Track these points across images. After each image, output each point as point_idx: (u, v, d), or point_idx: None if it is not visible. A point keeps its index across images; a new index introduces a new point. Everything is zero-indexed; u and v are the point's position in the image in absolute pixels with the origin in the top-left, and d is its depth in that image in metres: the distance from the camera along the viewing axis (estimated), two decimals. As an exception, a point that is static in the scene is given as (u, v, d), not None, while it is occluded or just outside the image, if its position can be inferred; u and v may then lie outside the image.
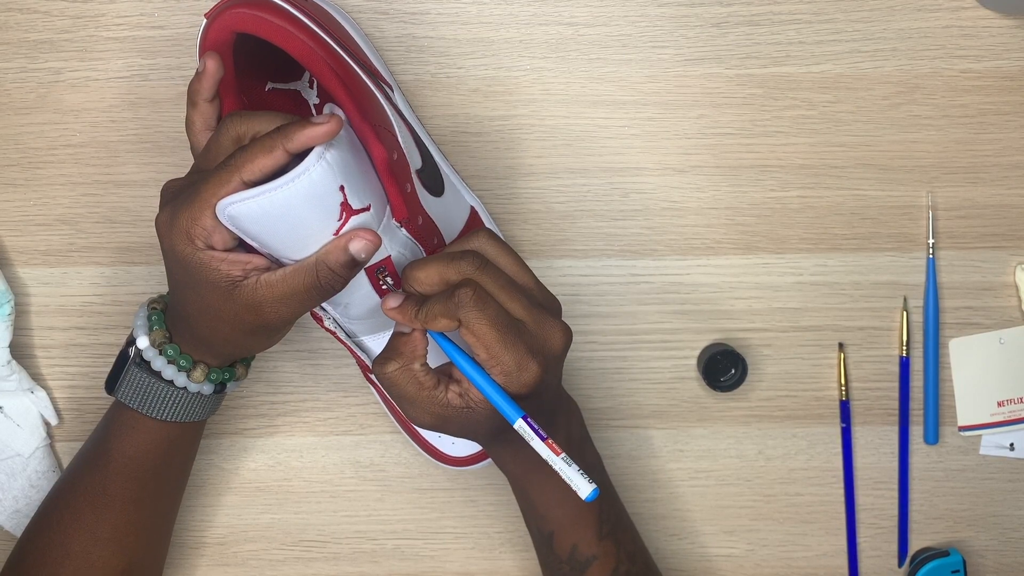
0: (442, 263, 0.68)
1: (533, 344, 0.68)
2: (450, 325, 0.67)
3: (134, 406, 0.74)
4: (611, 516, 0.78)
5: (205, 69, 0.69)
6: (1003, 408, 0.86)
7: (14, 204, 0.84)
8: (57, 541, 0.75)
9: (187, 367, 0.73)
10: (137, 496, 0.76)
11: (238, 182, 0.64)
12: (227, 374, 0.75)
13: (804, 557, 0.88)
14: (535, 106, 0.83)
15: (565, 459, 0.67)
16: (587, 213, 0.84)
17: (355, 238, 0.66)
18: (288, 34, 0.69)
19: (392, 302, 0.69)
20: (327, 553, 0.88)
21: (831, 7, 0.82)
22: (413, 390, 0.69)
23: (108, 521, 0.76)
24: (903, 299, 0.85)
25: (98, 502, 0.75)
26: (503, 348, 0.67)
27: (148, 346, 0.73)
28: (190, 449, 0.79)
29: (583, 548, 0.77)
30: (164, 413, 0.74)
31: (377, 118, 0.71)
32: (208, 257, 0.66)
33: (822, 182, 0.84)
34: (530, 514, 0.78)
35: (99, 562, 0.76)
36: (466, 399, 0.69)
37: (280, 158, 0.64)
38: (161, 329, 0.73)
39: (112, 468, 0.75)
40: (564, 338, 0.69)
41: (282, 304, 0.67)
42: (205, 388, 0.74)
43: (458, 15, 0.82)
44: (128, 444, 0.75)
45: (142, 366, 0.74)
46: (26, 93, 0.82)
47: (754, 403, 0.86)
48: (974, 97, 0.83)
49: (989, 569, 0.88)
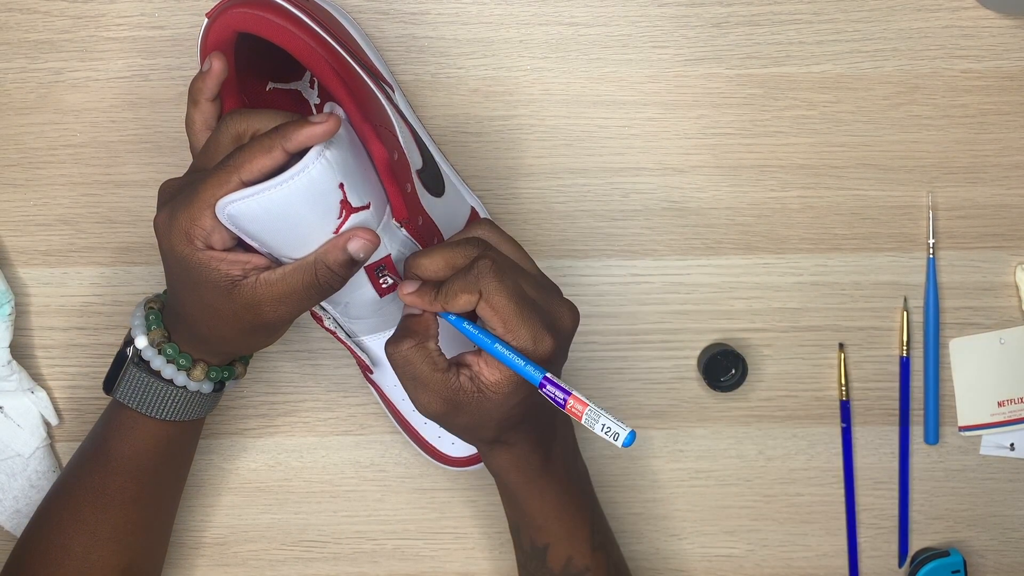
0: (448, 250, 0.68)
1: (546, 319, 0.68)
2: (470, 301, 0.67)
3: (133, 406, 0.74)
4: (601, 527, 0.79)
5: (211, 69, 0.69)
6: (1003, 408, 0.86)
7: (14, 204, 0.84)
8: (57, 541, 0.75)
9: (186, 366, 0.73)
10: (137, 495, 0.76)
11: (237, 182, 0.64)
12: (226, 372, 0.75)
13: (804, 557, 0.88)
14: (535, 106, 0.83)
15: (593, 410, 0.67)
16: (587, 213, 0.84)
17: (353, 237, 0.66)
18: (289, 34, 0.69)
19: (409, 287, 0.69)
20: (327, 553, 0.88)
21: (831, 7, 0.82)
22: (427, 370, 0.69)
23: (108, 520, 0.76)
24: (903, 299, 0.85)
25: (98, 502, 0.75)
26: (520, 321, 0.67)
27: (147, 345, 0.73)
28: (189, 447, 0.79)
29: (577, 560, 0.77)
30: (163, 412, 0.74)
31: (378, 118, 0.71)
32: (207, 257, 0.66)
33: (822, 182, 0.84)
34: (524, 527, 0.77)
35: (99, 562, 0.76)
36: (477, 383, 0.69)
37: (279, 158, 0.64)
38: (159, 328, 0.73)
39: (111, 467, 0.75)
40: (573, 316, 0.70)
41: (281, 303, 0.67)
42: (204, 386, 0.74)
43: (458, 15, 0.82)
44: (127, 443, 0.75)
45: (141, 366, 0.74)
46: (26, 93, 0.82)
47: (754, 403, 0.86)
48: (974, 97, 0.83)
49: (989, 569, 0.88)
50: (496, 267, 0.67)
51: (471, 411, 0.69)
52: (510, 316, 0.67)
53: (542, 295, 0.69)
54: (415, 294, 0.69)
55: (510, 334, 0.67)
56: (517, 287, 0.67)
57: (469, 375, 0.69)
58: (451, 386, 0.69)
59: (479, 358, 0.69)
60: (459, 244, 0.69)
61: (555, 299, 0.70)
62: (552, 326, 0.68)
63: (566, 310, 0.70)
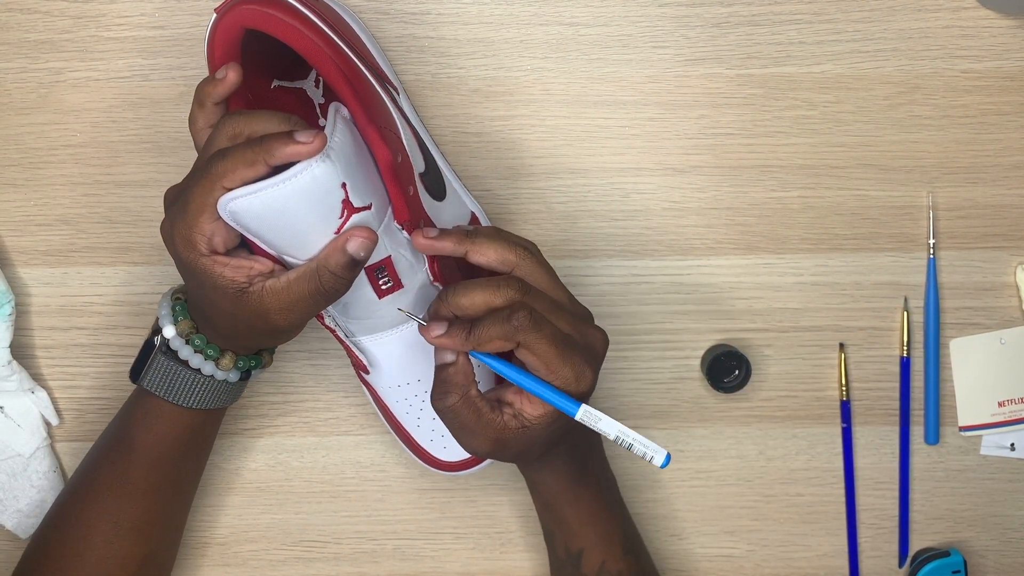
0: (487, 290, 0.68)
1: (584, 354, 0.69)
2: (505, 346, 0.68)
3: (161, 394, 0.74)
4: (631, 532, 0.80)
5: (226, 77, 0.69)
6: (1004, 408, 0.86)
7: (15, 204, 0.84)
8: (79, 533, 0.76)
9: (215, 356, 0.74)
10: (159, 484, 0.76)
11: (221, 191, 0.65)
12: (253, 361, 0.76)
13: (804, 557, 0.88)
14: (535, 106, 0.83)
15: (629, 434, 0.69)
16: (587, 213, 0.84)
17: (352, 237, 0.67)
18: (297, 32, 0.69)
19: (437, 330, 0.68)
20: (328, 553, 0.88)
21: (831, 7, 0.82)
22: (473, 419, 0.70)
23: (131, 510, 0.76)
24: (904, 299, 0.85)
25: (121, 491, 0.76)
26: (562, 362, 0.68)
27: (175, 336, 0.74)
28: (211, 436, 0.80)
29: (610, 564, 0.78)
30: (191, 400, 0.75)
31: (382, 120, 0.71)
32: (211, 263, 0.67)
33: (823, 182, 0.84)
34: (559, 533, 0.78)
35: (121, 551, 0.76)
36: (521, 419, 0.70)
37: (261, 171, 0.65)
38: (187, 319, 0.74)
39: (135, 457, 0.76)
40: (605, 341, 0.71)
41: (289, 311, 0.68)
42: (232, 376, 0.75)
43: (458, 15, 0.82)
44: (152, 432, 0.75)
45: (169, 355, 0.74)
46: (27, 93, 0.82)
47: (754, 403, 0.86)
48: (974, 97, 0.83)
49: (990, 569, 0.88)
50: (534, 317, 0.67)
51: (518, 444, 0.71)
52: (552, 359, 0.68)
53: (578, 328, 0.70)
54: (446, 337, 0.68)
55: (552, 375, 0.68)
56: (556, 329, 0.68)
57: (512, 412, 0.70)
58: (497, 427, 0.70)
59: (520, 396, 0.70)
60: (498, 285, 0.68)
61: (589, 328, 0.71)
62: (590, 358, 0.70)
63: (599, 336, 0.71)
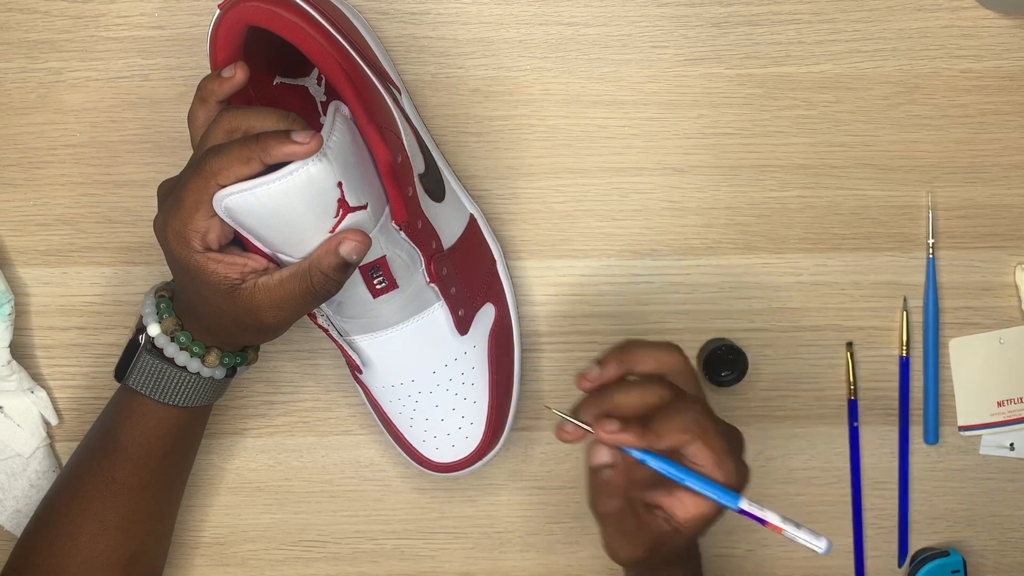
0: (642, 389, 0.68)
1: (737, 447, 0.70)
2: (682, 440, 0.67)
3: (146, 392, 0.74)
4: None
5: (234, 76, 0.69)
6: (1003, 408, 0.86)
7: (14, 204, 0.84)
8: (65, 531, 0.76)
9: (200, 353, 0.74)
10: (146, 482, 0.76)
11: (216, 187, 0.65)
12: (239, 358, 0.76)
13: (804, 558, 0.88)
14: (535, 106, 0.83)
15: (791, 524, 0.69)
16: (587, 213, 0.84)
17: (345, 240, 0.67)
18: (301, 31, 0.69)
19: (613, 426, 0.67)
20: (327, 553, 0.88)
21: (831, 7, 0.82)
22: (633, 524, 0.69)
23: (117, 509, 0.76)
24: (903, 299, 0.85)
25: (107, 490, 0.76)
26: (728, 456, 0.68)
27: (160, 333, 0.74)
28: (198, 434, 0.79)
29: None
30: (177, 398, 0.74)
31: (383, 120, 0.71)
32: (204, 259, 0.67)
33: (822, 182, 0.84)
34: None
35: (107, 550, 0.76)
36: (672, 523, 0.69)
37: (256, 169, 0.65)
38: (172, 316, 0.74)
39: (121, 455, 0.75)
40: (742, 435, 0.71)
41: (280, 309, 0.68)
42: (218, 372, 0.75)
43: (458, 15, 0.82)
44: (138, 430, 0.75)
45: (154, 353, 0.74)
46: (26, 93, 0.82)
47: (754, 403, 0.86)
48: (974, 97, 0.83)
49: (989, 569, 0.88)
50: (707, 409, 0.68)
51: (668, 549, 0.70)
52: (721, 453, 0.68)
53: (721, 422, 0.70)
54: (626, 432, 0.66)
55: (720, 470, 0.68)
56: (720, 423, 0.69)
57: (664, 516, 0.69)
58: (656, 531, 0.69)
59: (671, 497, 0.69)
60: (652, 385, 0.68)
61: (729, 425, 0.71)
62: (742, 450, 0.70)
63: (738, 431, 0.71)
